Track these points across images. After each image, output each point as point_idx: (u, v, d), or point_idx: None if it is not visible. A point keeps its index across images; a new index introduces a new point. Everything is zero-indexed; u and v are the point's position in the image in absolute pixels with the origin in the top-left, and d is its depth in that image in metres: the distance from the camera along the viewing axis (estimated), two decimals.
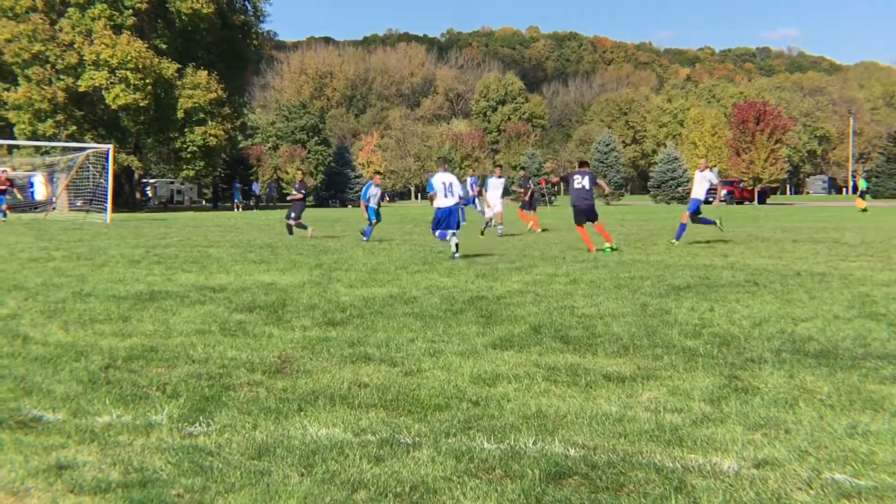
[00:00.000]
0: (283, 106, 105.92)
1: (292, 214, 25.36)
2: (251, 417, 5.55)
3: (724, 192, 21.17)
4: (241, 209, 66.14)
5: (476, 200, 32.92)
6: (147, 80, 58.44)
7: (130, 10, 60.09)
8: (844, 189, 60.34)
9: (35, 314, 9.74)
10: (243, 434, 5.22)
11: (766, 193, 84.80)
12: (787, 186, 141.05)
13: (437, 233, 17.70)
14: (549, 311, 9.92)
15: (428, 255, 17.72)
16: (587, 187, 19.28)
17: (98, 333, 8.52)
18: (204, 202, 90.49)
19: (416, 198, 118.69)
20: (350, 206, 78.94)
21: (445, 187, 17.62)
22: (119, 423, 5.42)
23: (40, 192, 63.25)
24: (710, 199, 25.87)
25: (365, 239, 22.88)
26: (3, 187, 36.66)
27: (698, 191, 21.94)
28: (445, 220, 17.51)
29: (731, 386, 6.37)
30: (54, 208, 48.99)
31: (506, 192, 29.69)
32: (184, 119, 62.29)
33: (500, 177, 28.37)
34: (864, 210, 48.79)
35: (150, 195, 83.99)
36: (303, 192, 25.90)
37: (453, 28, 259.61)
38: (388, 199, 33.31)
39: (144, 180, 79.38)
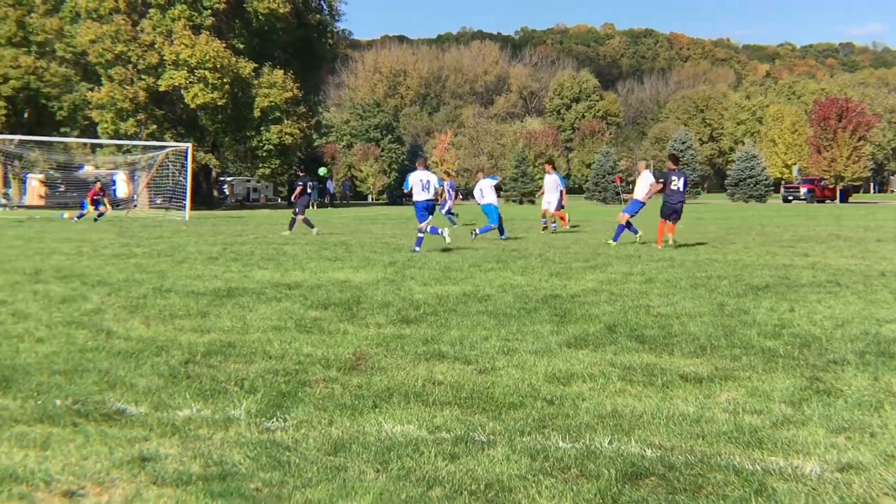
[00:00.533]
0: (357, 104, 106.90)
1: (297, 210, 26.33)
2: (327, 413, 5.59)
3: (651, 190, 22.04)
4: (315, 207, 66.85)
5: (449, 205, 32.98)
6: (225, 80, 59.34)
7: (209, 11, 61.08)
8: None
9: (118, 309, 9.96)
10: (319, 430, 5.26)
11: (847, 192, 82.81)
12: (871, 185, 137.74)
13: (430, 228, 19.05)
14: (625, 310, 9.82)
15: (501, 254, 17.69)
16: (682, 189, 19.54)
17: (178, 329, 8.68)
18: (279, 200, 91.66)
19: None
20: None
21: (423, 184, 19.25)
22: (199, 417, 5.52)
23: (122, 189, 64.80)
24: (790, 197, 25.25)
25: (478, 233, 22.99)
26: (97, 197, 37.80)
27: (640, 191, 21.60)
28: (428, 210, 19.27)
29: (812, 388, 6.24)
30: (135, 206, 50.03)
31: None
32: (260, 118, 63.11)
33: (550, 173, 28.19)
34: None
35: (227, 193, 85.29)
36: (299, 185, 26.76)
37: (527, 26, 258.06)
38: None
39: (222, 178, 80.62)
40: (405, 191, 19.99)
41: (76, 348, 7.62)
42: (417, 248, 18.63)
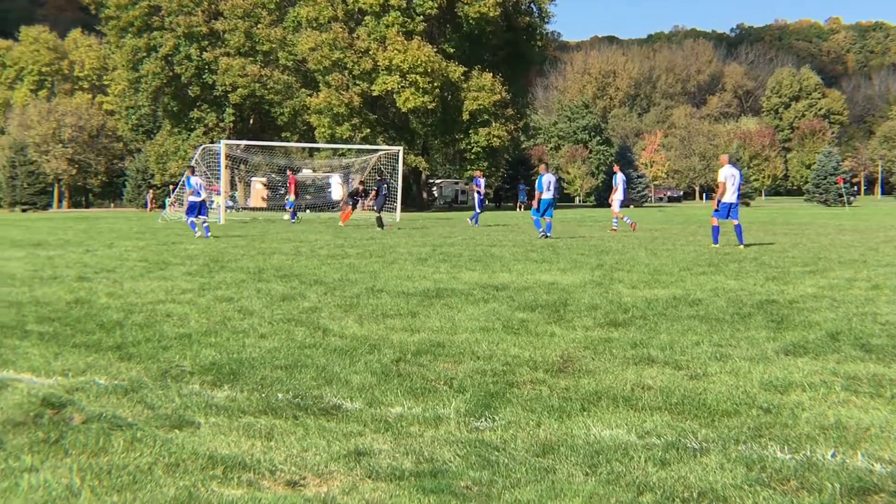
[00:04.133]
0: (565, 106, 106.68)
1: (374, 207, 30.94)
2: (535, 415, 5.59)
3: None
4: (523, 209, 67.19)
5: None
6: (435, 84, 60.59)
7: (421, 17, 62.55)
8: None
9: (333, 308, 10.33)
10: (527, 431, 5.27)
11: None
12: None
13: (202, 223, 25.73)
14: (848, 317, 9.31)
15: (714, 257, 17.20)
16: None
17: (389, 328, 8.91)
18: (486, 202, 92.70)
19: (702, 198, 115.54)
20: (632, 206, 78.23)
21: (198, 187, 25.95)
22: (410, 414, 5.64)
23: (337, 192, 67.32)
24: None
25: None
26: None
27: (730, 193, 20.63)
28: (199, 208, 25.81)
29: None
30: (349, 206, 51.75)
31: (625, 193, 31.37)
32: (469, 120, 64.04)
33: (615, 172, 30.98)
34: None
35: (435, 195, 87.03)
36: (374, 189, 31.37)
37: (744, 22, 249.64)
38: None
39: (431, 181, 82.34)
40: (189, 190, 25.84)
41: (295, 344, 7.97)
42: (197, 233, 25.34)
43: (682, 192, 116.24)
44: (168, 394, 6.14)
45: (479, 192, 37.08)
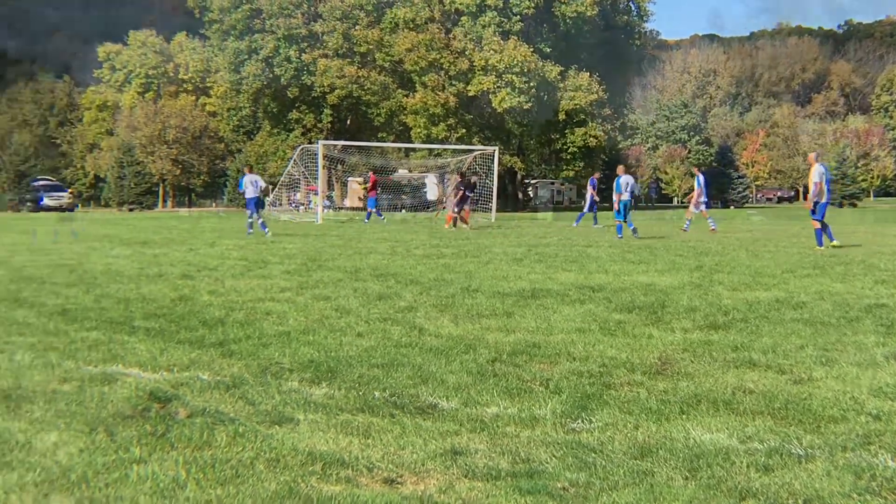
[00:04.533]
0: (663, 105, 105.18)
1: (455, 209, 31.59)
2: (632, 417, 5.53)
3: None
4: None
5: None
6: (531, 84, 60.38)
7: (518, 17, 62.41)
8: None
9: (429, 307, 10.38)
10: (625, 433, 5.22)
11: None
12: None
13: (260, 222, 26.32)
14: None
15: (819, 259, 16.74)
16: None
17: (484, 328, 8.91)
18: (583, 202, 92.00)
19: (805, 198, 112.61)
20: (732, 207, 76.80)
21: (254, 185, 26.66)
22: (506, 414, 5.63)
23: (433, 192, 67.61)
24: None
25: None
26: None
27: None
28: (255, 203, 26.67)
29: None
30: (444, 208, 52.02)
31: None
32: (565, 120, 63.60)
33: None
34: None
35: (531, 195, 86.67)
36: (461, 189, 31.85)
37: (853, 19, 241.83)
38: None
39: (527, 181, 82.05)
40: (240, 191, 26.88)
41: (392, 343, 8.03)
42: (250, 231, 26.14)
43: (793, 193, 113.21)
44: (268, 390, 6.25)
45: (593, 193, 36.40)
